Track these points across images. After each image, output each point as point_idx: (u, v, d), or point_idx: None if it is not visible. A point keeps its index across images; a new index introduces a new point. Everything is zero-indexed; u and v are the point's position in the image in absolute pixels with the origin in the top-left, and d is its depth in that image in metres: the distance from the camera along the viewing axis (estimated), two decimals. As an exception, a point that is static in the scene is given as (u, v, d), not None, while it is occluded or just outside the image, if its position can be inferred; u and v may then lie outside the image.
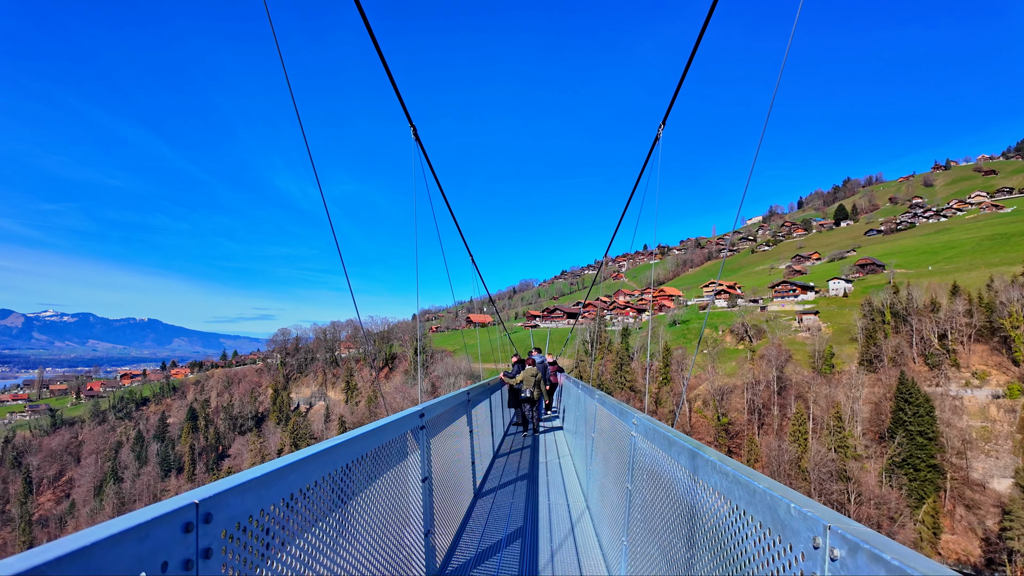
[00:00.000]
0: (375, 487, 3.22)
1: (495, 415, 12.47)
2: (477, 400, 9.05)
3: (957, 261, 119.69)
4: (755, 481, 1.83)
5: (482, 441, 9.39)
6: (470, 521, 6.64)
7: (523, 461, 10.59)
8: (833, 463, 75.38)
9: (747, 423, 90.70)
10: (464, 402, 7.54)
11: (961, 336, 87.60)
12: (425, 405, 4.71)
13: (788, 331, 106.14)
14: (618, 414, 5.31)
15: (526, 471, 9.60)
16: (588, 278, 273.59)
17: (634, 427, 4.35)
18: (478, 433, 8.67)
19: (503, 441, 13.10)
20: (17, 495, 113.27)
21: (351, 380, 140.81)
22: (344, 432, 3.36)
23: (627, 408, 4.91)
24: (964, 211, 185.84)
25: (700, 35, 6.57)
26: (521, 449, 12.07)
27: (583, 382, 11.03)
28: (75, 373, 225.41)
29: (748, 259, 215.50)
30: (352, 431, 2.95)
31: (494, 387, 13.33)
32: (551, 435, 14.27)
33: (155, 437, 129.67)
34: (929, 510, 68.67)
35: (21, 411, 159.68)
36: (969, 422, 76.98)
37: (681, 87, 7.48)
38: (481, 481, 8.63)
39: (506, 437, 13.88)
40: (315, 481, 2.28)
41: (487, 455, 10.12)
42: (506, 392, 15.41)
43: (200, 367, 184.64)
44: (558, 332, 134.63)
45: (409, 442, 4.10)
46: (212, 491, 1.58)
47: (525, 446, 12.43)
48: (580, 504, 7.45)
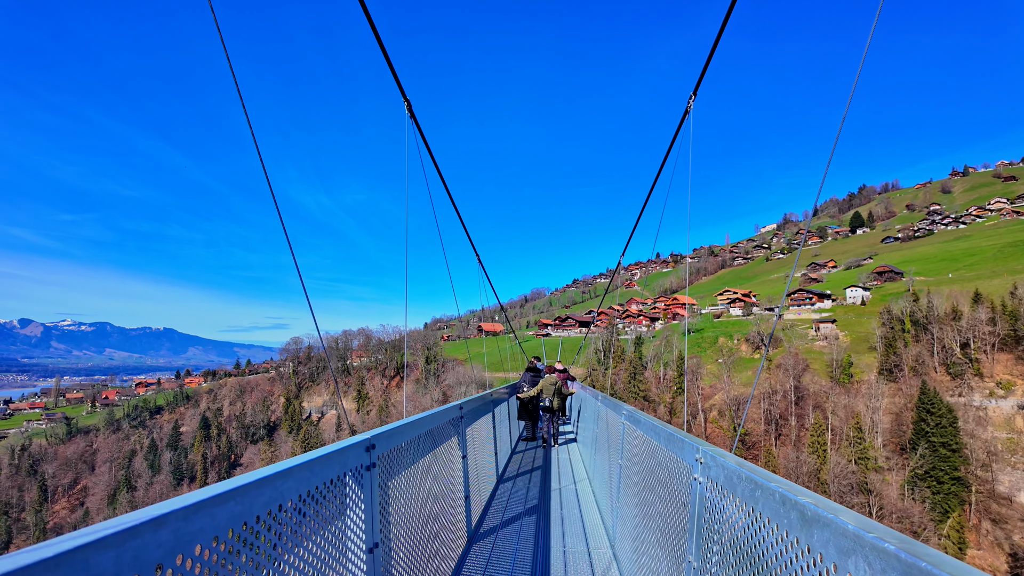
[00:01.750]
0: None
1: (500, 433, 10.74)
2: (474, 416, 7.35)
3: (978, 268, 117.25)
4: None
5: (481, 468, 7.73)
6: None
7: (532, 487, 8.95)
8: (853, 475, 73.56)
9: (764, 434, 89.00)
10: (455, 419, 5.90)
11: (984, 345, 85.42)
12: (375, 433, 3.21)
13: (805, 340, 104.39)
14: (666, 442, 3.61)
15: (535, 502, 7.95)
16: (600, 287, 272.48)
17: (700, 467, 2.74)
18: (474, 458, 7.01)
19: (510, 460, 11.91)
20: (32, 503, 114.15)
21: (362, 389, 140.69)
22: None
23: (682, 436, 3.22)
24: (984, 218, 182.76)
25: (724, 24, 6.06)
26: (530, 471, 10.53)
27: (602, 393, 9.50)
28: (91, 382, 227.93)
29: (763, 267, 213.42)
30: (244, 476, 1.85)
31: (499, 400, 11.54)
32: (564, 449, 13.44)
33: (168, 446, 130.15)
34: (954, 524, 66.59)
35: (38, 419, 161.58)
36: (994, 433, 74.75)
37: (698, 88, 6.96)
38: (479, 518, 7.08)
39: (514, 455, 12.52)
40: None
41: (488, 483, 8.45)
42: (514, 403, 14.39)
43: (213, 376, 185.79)
44: (570, 341, 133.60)
45: (349, 489, 2.76)
46: None
47: (536, 467, 10.97)
48: (605, 554, 5.86)
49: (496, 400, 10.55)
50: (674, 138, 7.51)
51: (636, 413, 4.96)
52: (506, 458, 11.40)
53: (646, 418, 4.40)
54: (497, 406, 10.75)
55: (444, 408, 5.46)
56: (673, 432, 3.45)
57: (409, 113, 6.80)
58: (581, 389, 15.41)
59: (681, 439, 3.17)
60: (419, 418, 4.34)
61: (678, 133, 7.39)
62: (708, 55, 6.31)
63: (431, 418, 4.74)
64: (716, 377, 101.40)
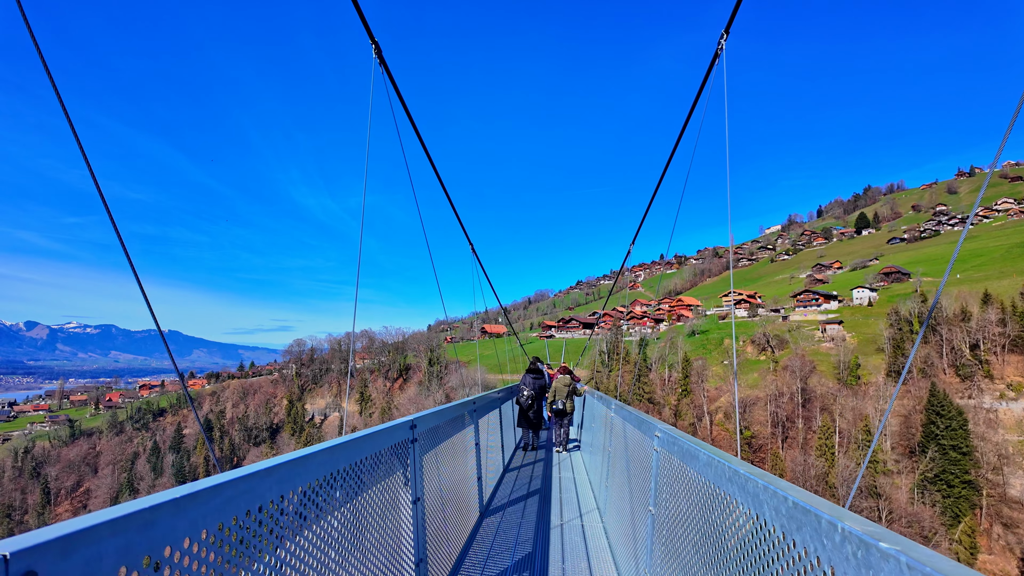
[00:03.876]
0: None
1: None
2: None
3: (987, 269, 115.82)
4: None
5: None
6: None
7: (524, 531, 6.85)
8: (862, 479, 72.47)
9: (771, 436, 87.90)
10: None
11: (994, 346, 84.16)
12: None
13: (811, 341, 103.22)
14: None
15: (528, 551, 6.12)
16: (604, 288, 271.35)
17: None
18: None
19: (502, 479, 10.12)
20: (35, 505, 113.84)
21: (365, 391, 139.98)
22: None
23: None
24: (991, 218, 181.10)
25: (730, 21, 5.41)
26: (524, 499, 8.45)
27: (617, 401, 7.63)
28: (96, 384, 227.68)
29: (767, 268, 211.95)
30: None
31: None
32: (567, 463, 11.75)
33: (171, 448, 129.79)
34: (966, 529, 65.40)
35: (42, 421, 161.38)
36: (1005, 436, 73.51)
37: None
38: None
39: (507, 473, 10.68)
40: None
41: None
42: (510, 407, 13.08)
43: (217, 378, 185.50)
44: (574, 343, 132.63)
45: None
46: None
47: (532, 491, 9.02)
48: None
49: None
50: (701, 88, 6.64)
51: (678, 439, 3.24)
52: (499, 474, 10.10)
53: (705, 450, 2.64)
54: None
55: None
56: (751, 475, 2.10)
57: (378, 57, 5.98)
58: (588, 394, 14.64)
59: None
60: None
61: (706, 82, 6.49)
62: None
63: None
64: (722, 379, 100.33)
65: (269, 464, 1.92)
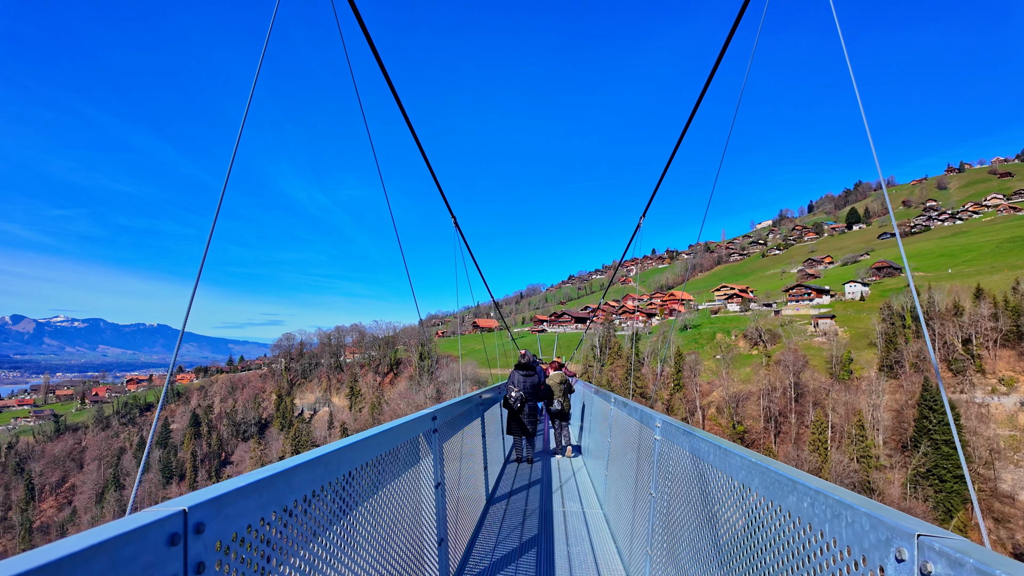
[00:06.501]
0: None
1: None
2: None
3: (977, 264, 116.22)
4: None
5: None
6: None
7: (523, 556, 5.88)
8: (856, 474, 72.32)
9: (763, 431, 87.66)
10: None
11: (986, 341, 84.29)
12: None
13: (804, 336, 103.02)
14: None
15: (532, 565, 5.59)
16: (596, 282, 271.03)
17: None
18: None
19: (498, 482, 9.09)
20: (19, 502, 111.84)
21: (355, 386, 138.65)
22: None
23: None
24: (980, 214, 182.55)
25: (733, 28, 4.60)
26: (524, 520, 7.12)
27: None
28: (83, 378, 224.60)
29: (759, 263, 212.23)
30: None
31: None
32: (569, 471, 10.32)
33: (158, 443, 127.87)
34: (959, 523, 65.37)
35: (26, 416, 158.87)
36: (997, 430, 73.64)
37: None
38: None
39: (501, 480, 9.51)
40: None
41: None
42: (499, 411, 10.85)
43: (205, 372, 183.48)
44: (566, 337, 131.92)
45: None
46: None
47: (529, 511, 7.47)
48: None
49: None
50: (725, 46, 5.62)
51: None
52: (496, 475, 9.30)
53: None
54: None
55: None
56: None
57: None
58: (584, 386, 13.60)
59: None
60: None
61: (730, 39, 5.48)
62: None
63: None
64: (714, 373, 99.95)
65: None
